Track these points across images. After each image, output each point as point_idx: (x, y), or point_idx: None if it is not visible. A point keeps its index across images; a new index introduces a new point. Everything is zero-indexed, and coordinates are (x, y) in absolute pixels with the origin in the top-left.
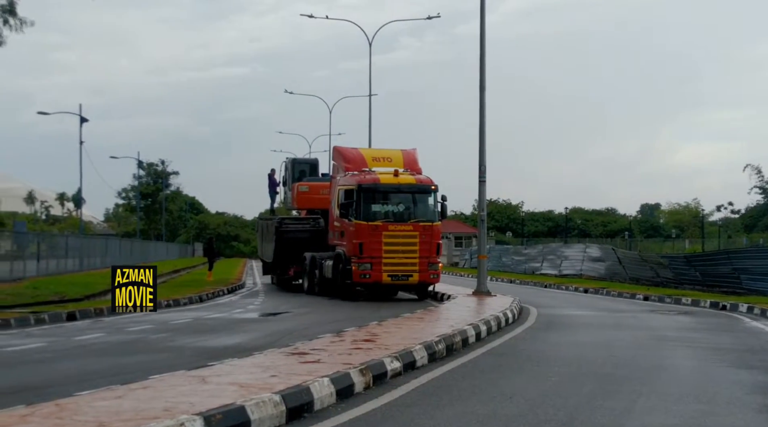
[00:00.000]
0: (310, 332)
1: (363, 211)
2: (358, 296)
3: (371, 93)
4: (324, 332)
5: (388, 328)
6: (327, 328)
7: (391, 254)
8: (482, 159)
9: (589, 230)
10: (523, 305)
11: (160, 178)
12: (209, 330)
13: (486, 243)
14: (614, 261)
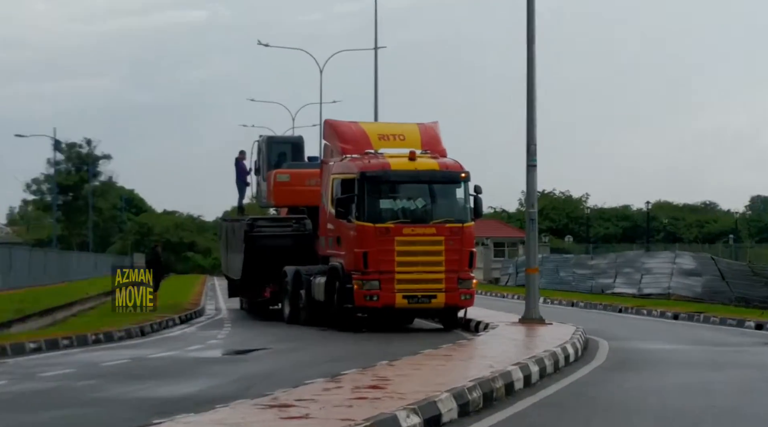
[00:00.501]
0: (295, 375)
1: (368, 208)
2: (361, 324)
3: (377, 45)
4: (314, 375)
5: (402, 369)
6: (318, 370)
7: (407, 267)
8: (531, 136)
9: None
10: (589, 336)
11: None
12: (154, 374)
13: (537, 251)
14: (714, 275)
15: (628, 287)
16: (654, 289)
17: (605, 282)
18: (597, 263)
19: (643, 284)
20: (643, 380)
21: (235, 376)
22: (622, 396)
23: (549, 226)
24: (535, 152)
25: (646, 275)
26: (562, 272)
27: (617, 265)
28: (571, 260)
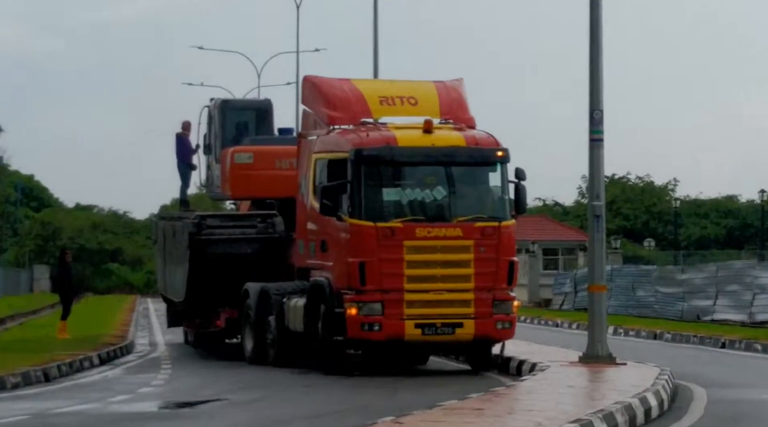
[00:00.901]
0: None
1: (366, 201)
2: (354, 365)
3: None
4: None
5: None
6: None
7: (421, 284)
8: (596, 98)
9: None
10: (678, 382)
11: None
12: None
13: (605, 261)
14: None
15: (734, 311)
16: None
17: (702, 305)
18: (690, 278)
19: (756, 308)
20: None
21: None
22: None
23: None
24: (601, 121)
25: (761, 294)
26: (641, 290)
27: (719, 280)
28: (652, 273)
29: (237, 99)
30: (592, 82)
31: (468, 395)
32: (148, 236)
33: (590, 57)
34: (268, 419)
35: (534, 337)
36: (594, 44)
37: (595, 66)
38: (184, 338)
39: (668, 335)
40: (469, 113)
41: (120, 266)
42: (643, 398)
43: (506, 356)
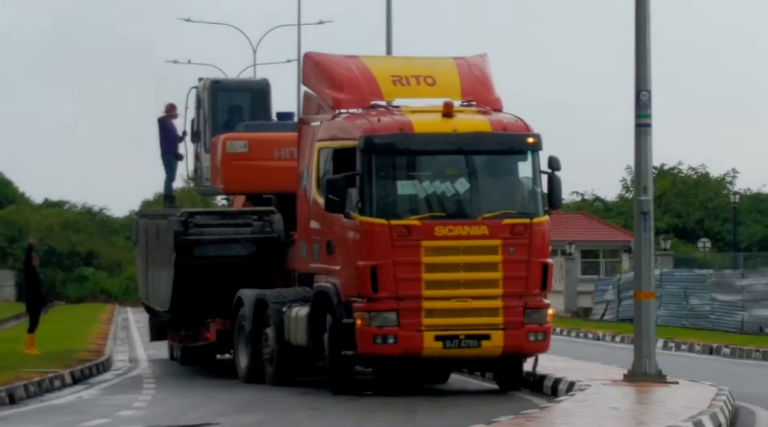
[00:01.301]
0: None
1: (377, 195)
2: (364, 384)
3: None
4: None
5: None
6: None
7: (441, 290)
8: (643, 77)
9: None
10: (739, 403)
11: None
12: None
13: (654, 265)
14: None
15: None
16: None
17: (765, 315)
18: (751, 284)
19: None
20: None
21: None
22: None
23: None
24: (649, 104)
25: None
26: (695, 297)
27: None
28: (708, 278)
29: (229, 79)
30: (639, 58)
31: (496, 418)
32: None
33: (636, 28)
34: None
35: (572, 351)
36: (640, 13)
37: (642, 39)
38: (170, 353)
39: (726, 350)
40: (494, 94)
41: (95, 270)
42: (698, 421)
43: (539, 374)
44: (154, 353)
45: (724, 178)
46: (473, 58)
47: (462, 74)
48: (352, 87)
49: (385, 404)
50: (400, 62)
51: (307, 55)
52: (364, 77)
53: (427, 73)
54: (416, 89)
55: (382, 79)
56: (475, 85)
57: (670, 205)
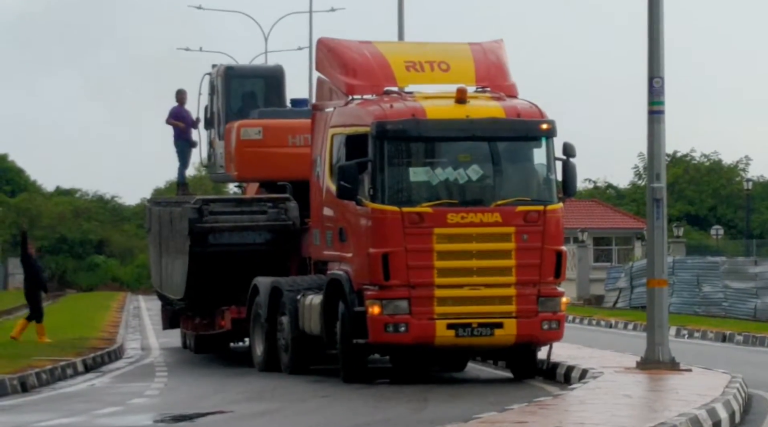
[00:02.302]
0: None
1: (389, 182)
2: (378, 372)
3: None
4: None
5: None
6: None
7: (454, 278)
8: (656, 64)
9: None
10: (752, 391)
11: None
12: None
13: (666, 252)
14: None
15: None
16: None
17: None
18: (765, 271)
19: None
20: None
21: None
22: None
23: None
24: (662, 91)
25: None
26: (708, 285)
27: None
28: (721, 265)
29: (243, 65)
30: (652, 44)
31: (509, 406)
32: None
33: (649, 13)
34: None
35: (584, 339)
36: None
37: (655, 25)
38: (182, 341)
39: (739, 338)
40: (509, 80)
41: (107, 258)
42: (711, 409)
43: (553, 362)
44: (166, 342)
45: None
46: (489, 44)
47: (477, 60)
48: (366, 73)
49: (398, 392)
50: (414, 48)
51: (320, 40)
52: (378, 63)
53: (442, 59)
54: (430, 75)
55: (395, 65)
56: (490, 70)
57: (682, 192)
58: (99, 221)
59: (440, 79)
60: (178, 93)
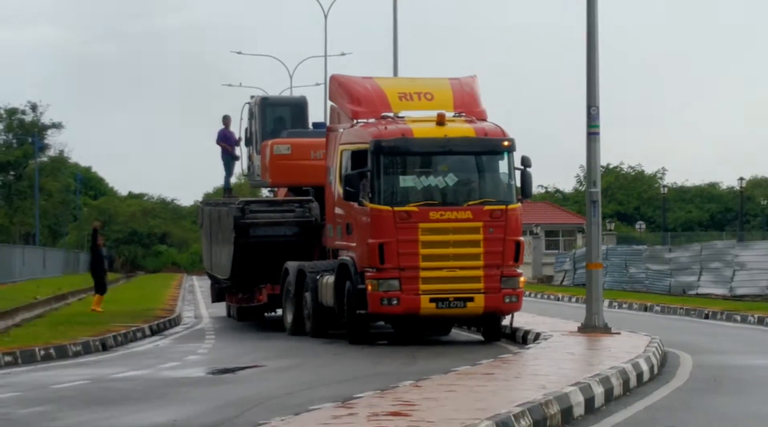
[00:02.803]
0: (297, 400)
1: (384, 187)
2: (377, 336)
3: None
4: (320, 400)
5: (431, 391)
6: (325, 393)
7: (435, 262)
8: (592, 95)
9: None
10: (667, 349)
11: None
12: (119, 399)
13: (601, 242)
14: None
15: (716, 286)
16: (750, 288)
17: (687, 280)
18: (677, 257)
19: (736, 283)
20: (736, 406)
21: (221, 401)
22: (710, 425)
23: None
24: (597, 116)
25: (740, 270)
26: (633, 267)
27: (702, 258)
28: (643, 252)
29: (275, 96)
30: (590, 80)
31: (479, 361)
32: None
33: (587, 58)
34: (301, 383)
35: (538, 310)
36: (590, 47)
37: (592, 66)
38: (227, 311)
39: (657, 308)
40: (480, 107)
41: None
42: (635, 363)
43: (514, 327)
44: (213, 312)
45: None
46: (465, 78)
47: (454, 91)
48: (367, 101)
49: (394, 351)
50: (405, 82)
51: (333, 76)
52: (377, 94)
53: (427, 90)
54: (417, 103)
55: (390, 95)
56: (465, 100)
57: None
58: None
59: (426, 107)
60: (225, 118)
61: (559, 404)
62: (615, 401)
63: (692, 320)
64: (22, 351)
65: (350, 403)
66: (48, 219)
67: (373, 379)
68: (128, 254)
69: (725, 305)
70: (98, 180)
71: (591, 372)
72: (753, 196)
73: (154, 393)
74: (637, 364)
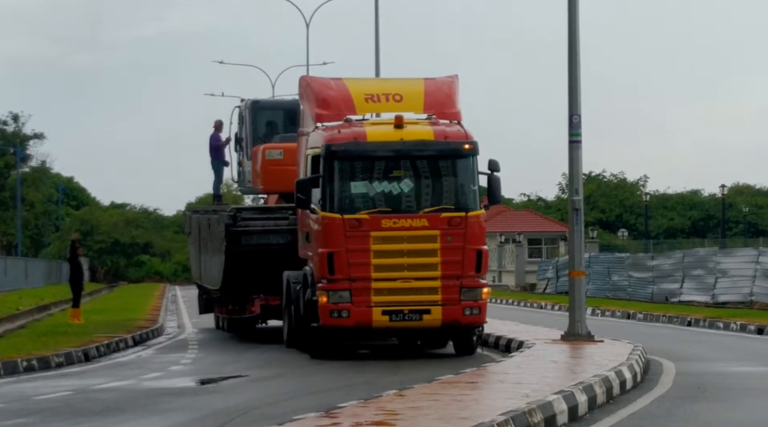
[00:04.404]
0: (280, 409)
1: (334, 194)
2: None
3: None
4: (304, 409)
5: (414, 400)
6: (309, 402)
7: (387, 273)
8: (574, 104)
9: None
10: (650, 356)
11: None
12: (102, 410)
13: (584, 250)
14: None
15: (698, 293)
16: (732, 296)
17: (670, 288)
18: (659, 264)
19: (719, 290)
20: (719, 414)
21: (204, 411)
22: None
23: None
24: (579, 125)
25: (722, 278)
26: (615, 275)
27: (685, 266)
28: (626, 260)
29: (267, 99)
30: (571, 89)
31: (463, 370)
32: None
33: (569, 67)
34: (285, 393)
35: (521, 318)
36: (572, 56)
37: (574, 75)
38: (215, 323)
39: (640, 315)
40: (455, 108)
41: (151, 257)
42: (618, 371)
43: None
44: (197, 322)
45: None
46: (442, 78)
47: (427, 92)
48: (331, 104)
49: (377, 361)
50: (375, 83)
51: (301, 77)
52: (342, 96)
53: (396, 91)
54: (385, 105)
55: (356, 97)
56: (438, 100)
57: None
58: (144, 228)
59: (393, 108)
60: (216, 122)
61: (543, 412)
62: (598, 409)
63: (675, 327)
64: (4, 362)
65: (334, 412)
66: (30, 230)
67: (356, 388)
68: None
69: (708, 313)
70: (80, 190)
71: (574, 380)
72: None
73: (137, 404)
74: (621, 372)
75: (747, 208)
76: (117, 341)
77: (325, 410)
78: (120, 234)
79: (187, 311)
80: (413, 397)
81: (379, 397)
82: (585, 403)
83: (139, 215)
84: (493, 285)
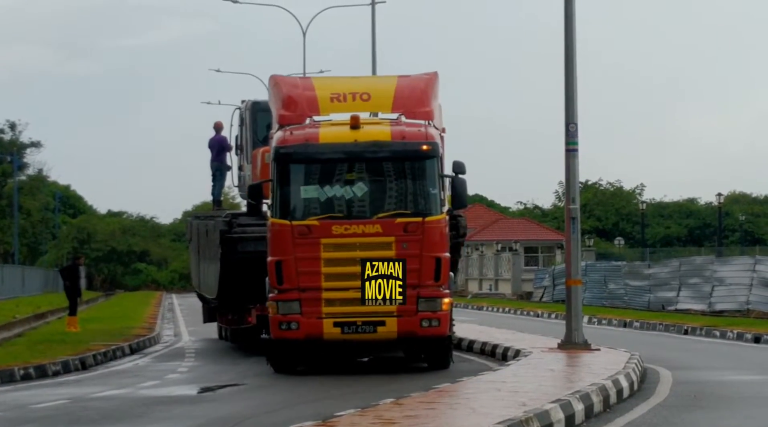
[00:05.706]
0: (277, 418)
1: (282, 199)
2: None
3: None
4: (301, 418)
5: (412, 409)
6: (306, 411)
7: (338, 282)
8: (571, 112)
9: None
10: (647, 365)
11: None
12: (99, 419)
13: (580, 258)
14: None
15: (695, 301)
16: (729, 304)
17: (666, 296)
18: (656, 272)
19: (715, 299)
20: (716, 422)
21: (201, 420)
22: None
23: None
24: (576, 133)
25: (719, 286)
26: (612, 283)
27: (681, 274)
28: (622, 268)
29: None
30: (568, 98)
31: (460, 379)
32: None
33: (565, 76)
34: (282, 401)
35: (517, 326)
36: (569, 65)
37: (570, 84)
38: (219, 333)
39: (637, 324)
40: (428, 106)
41: (147, 265)
42: (615, 380)
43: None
44: (193, 330)
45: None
46: (418, 76)
47: (399, 90)
48: (294, 105)
49: (374, 370)
50: (343, 82)
51: (271, 77)
52: (307, 96)
53: (365, 90)
54: (351, 104)
55: (321, 97)
56: (409, 98)
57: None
58: (141, 236)
59: (359, 108)
60: (216, 124)
61: (540, 421)
62: (595, 418)
63: (672, 335)
64: (1, 371)
65: (331, 421)
66: (27, 238)
67: (353, 397)
68: (107, 272)
69: (704, 321)
70: (77, 198)
71: (571, 389)
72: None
73: (134, 412)
74: (617, 380)
75: (743, 216)
76: (114, 350)
77: (322, 419)
78: (117, 242)
79: (183, 320)
80: (410, 405)
81: (376, 405)
82: (582, 412)
83: (135, 223)
84: (490, 293)
